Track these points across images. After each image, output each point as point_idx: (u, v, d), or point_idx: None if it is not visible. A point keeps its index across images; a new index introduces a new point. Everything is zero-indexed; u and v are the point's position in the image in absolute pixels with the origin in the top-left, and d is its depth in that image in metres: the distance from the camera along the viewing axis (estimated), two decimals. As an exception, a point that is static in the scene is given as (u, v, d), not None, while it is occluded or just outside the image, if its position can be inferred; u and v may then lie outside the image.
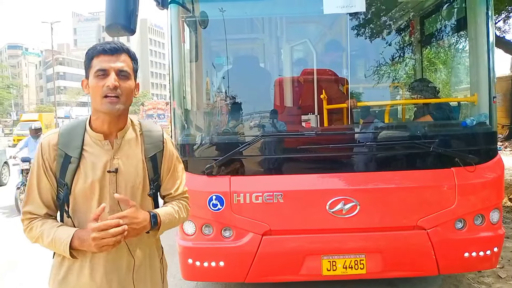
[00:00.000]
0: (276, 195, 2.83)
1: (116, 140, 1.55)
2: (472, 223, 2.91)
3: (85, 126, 1.55)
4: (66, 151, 1.50)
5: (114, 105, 1.45)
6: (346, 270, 2.89)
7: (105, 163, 1.51)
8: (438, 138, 2.96)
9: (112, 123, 1.53)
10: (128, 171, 1.55)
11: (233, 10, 3.35)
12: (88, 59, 1.50)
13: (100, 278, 1.51)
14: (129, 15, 2.47)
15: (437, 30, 4.30)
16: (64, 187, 1.50)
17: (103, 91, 1.44)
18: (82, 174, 1.50)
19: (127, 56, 1.51)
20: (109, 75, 1.44)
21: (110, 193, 1.51)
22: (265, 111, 3.74)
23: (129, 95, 1.51)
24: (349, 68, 3.52)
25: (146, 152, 1.61)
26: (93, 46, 1.52)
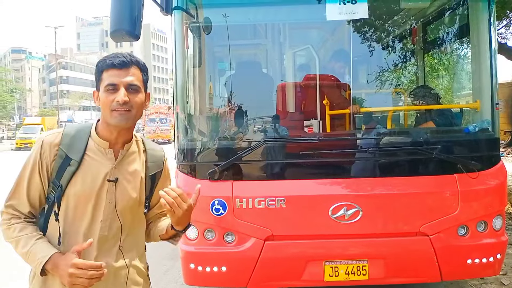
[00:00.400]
0: (279, 200, 2.84)
1: (121, 151, 1.55)
2: (475, 230, 2.90)
3: (89, 131, 1.54)
4: (67, 153, 1.47)
5: (123, 117, 1.45)
6: (349, 276, 2.88)
7: (106, 171, 1.50)
8: (440, 144, 2.95)
9: (120, 135, 1.53)
10: (128, 184, 1.54)
11: (237, 16, 3.38)
12: (98, 72, 1.49)
13: None
14: (133, 21, 2.49)
15: (440, 36, 4.32)
16: (58, 188, 1.47)
17: (113, 105, 1.44)
18: (80, 179, 1.47)
19: (137, 69, 1.50)
20: (118, 90, 1.44)
21: (106, 202, 1.49)
22: (268, 116, 3.76)
23: (140, 108, 1.51)
24: (352, 74, 3.53)
25: (148, 170, 1.62)
26: (103, 58, 1.51)
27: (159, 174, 1.66)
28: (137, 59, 1.52)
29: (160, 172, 1.66)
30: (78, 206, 1.48)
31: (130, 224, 1.57)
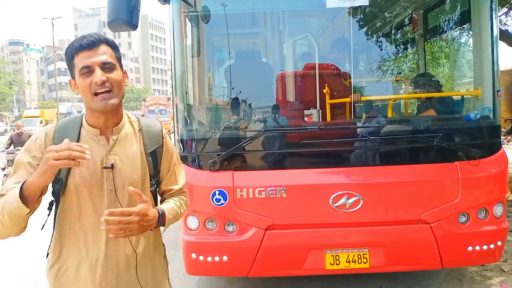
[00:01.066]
0: (279, 189, 2.84)
1: (111, 135, 1.52)
2: (475, 217, 2.91)
3: (81, 121, 1.53)
4: None
5: (107, 101, 1.42)
6: (350, 264, 2.90)
7: (101, 159, 1.48)
8: (441, 132, 2.94)
9: (107, 118, 1.50)
10: (125, 167, 1.51)
11: (235, 5, 3.34)
12: (69, 58, 1.45)
13: (99, 277, 1.48)
14: (131, 11, 2.46)
15: (441, 23, 4.27)
16: (59, 182, 1.46)
17: (92, 88, 1.40)
18: (77, 170, 1.44)
19: (107, 46, 1.45)
20: (94, 71, 1.40)
21: (107, 189, 1.48)
22: (268, 106, 3.74)
23: (120, 86, 1.47)
24: (352, 62, 3.51)
25: (146, 148, 1.58)
26: (71, 43, 1.46)
27: (160, 150, 1.62)
28: (105, 37, 1.48)
29: (161, 148, 1.62)
30: (82, 197, 1.47)
31: None
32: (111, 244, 1.48)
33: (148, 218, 1.40)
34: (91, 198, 1.47)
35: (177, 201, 1.66)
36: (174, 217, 1.60)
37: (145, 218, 1.39)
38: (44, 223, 1.54)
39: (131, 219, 1.34)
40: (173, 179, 1.69)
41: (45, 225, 1.54)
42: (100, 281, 1.48)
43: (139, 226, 1.37)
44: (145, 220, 1.39)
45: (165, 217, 1.51)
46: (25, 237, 1.66)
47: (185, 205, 1.70)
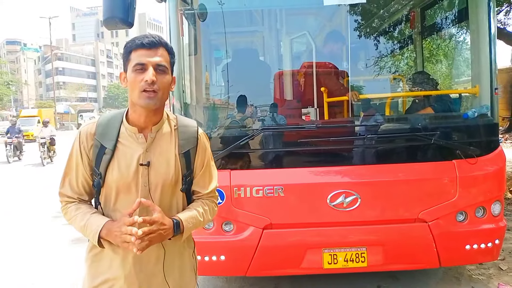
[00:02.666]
0: (277, 188, 2.82)
1: (150, 134, 1.56)
2: (473, 216, 2.90)
3: (122, 118, 1.58)
4: (101, 142, 1.54)
5: (151, 100, 1.47)
6: (347, 263, 2.89)
7: (138, 156, 1.54)
8: (439, 130, 2.93)
9: (148, 117, 1.54)
10: (160, 165, 1.56)
11: (232, 2, 3.33)
12: (126, 52, 1.51)
13: (129, 267, 1.55)
14: (126, 8, 2.44)
15: (438, 21, 4.27)
16: (98, 176, 1.54)
17: (141, 85, 1.45)
18: (116, 166, 1.53)
19: (165, 50, 1.52)
20: (147, 70, 1.46)
21: (142, 186, 1.53)
22: (265, 104, 3.72)
23: (166, 90, 1.53)
24: (349, 61, 3.49)
25: (180, 148, 1.61)
26: (132, 39, 1.52)
27: (194, 150, 1.64)
28: (166, 41, 1.54)
29: (195, 148, 1.64)
30: (119, 192, 1.54)
31: (166, 206, 1.57)
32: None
33: (165, 227, 1.47)
34: (126, 192, 1.54)
35: (201, 207, 1.65)
36: (195, 225, 1.61)
37: (162, 227, 1.45)
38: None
39: (152, 228, 1.42)
40: (203, 182, 1.69)
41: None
42: (130, 271, 1.55)
43: (158, 235, 1.45)
44: (162, 229, 1.46)
45: (182, 225, 1.54)
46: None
47: (211, 211, 1.70)
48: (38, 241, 5.54)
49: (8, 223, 6.64)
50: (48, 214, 7.01)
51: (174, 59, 1.58)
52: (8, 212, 7.44)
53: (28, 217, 6.95)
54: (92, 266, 1.60)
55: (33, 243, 5.44)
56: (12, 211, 7.47)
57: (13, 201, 8.49)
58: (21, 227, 6.34)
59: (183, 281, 1.67)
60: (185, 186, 1.63)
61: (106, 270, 1.57)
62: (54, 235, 5.76)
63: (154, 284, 1.59)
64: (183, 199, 1.65)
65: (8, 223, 6.63)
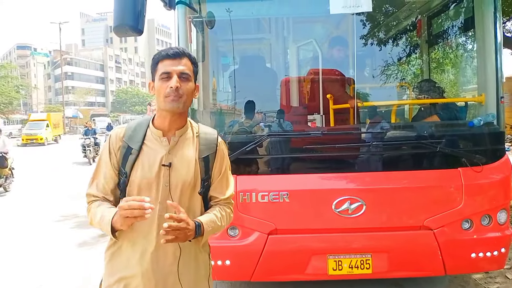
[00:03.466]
0: (282, 194, 2.84)
1: (173, 137, 1.67)
2: (479, 224, 2.90)
3: (148, 123, 1.71)
4: (129, 143, 1.66)
5: (175, 103, 1.58)
6: (352, 269, 2.89)
7: (161, 157, 1.64)
8: (445, 138, 2.94)
9: (172, 121, 1.66)
10: (181, 167, 1.65)
11: (240, 10, 3.37)
12: (154, 64, 1.65)
13: (147, 265, 1.61)
14: (136, 16, 2.49)
15: (444, 30, 4.28)
16: (124, 175, 1.65)
17: (166, 92, 1.58)
18: (140, 165, 1.64)
19: (188, 60, 1.64)
20: (172, 78, 1.58)
21: (163, 185, 1.62)
22: (271, 111, 3.75)
23: (190, 96, 1.64)
24: (356, 68, 3.52)
25: (200, 153, 1.71)
26: (159, 52, 1.66)
27: (213, 156, 1.74)
28: (189, 52, 1.67)
29: (214, 154, 1.74)
30: (141, 190, 1.63)
31: (184, 207, 1.62)
32: (161, 237, 1.55)
33: (189, 228, 1.53)
34: (148, 191, 1.62)
35: (219, 212, 1.73)
36: (214, 229, 1.68)
37: (188, 227, 1.52)
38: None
39: (180, 225, 1.48)
40: (220, 188, 1.78)
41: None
42: (147, 268, 1.61)
43: (184, 233, 1.51)
44: (188, 229, 1.52)
45: (203, 228, 1.60)
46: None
47: (227, 217, 1.77)
48: (45, 244, 5.60)
49: (17, 225, 6.71)
50: (56, 217, 7.08)
51: (197, 69, 1.70)
52: (17, 214, 7.52)
53: (36, 220, 7.02)
54: (109, 264, 1.68)
55: (40, 246, 5.50)
56: (21, 214, 7.55)
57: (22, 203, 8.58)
58: (29, 229, 6.41)
59: (197, 283, 1.74)
60: (203, 189, 1.72)
61: (123, 268, 1.64)
62: (61, 238, 5.82)
63: (169, 283, 1.65)
64: (201, 202, 1.74)
65: (17, 225, 6.71)
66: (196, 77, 1.70)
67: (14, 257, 5.05)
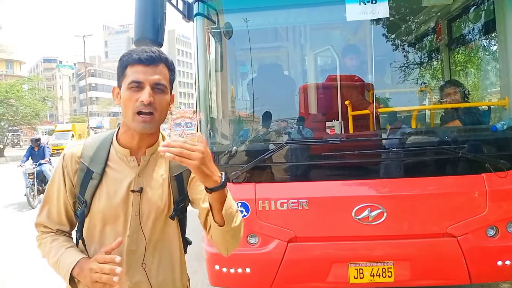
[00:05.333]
0: (301, 202, 2.84)
1: (143, 157, 1.40)
2: (505, 230, 2.82)
3: (111, 139, 1.43)
4: (88, 166, 1.38)
5: (146, 124, 1.31)
6: (374, 278, 2.86)
7: (129, 181, 1.37)
8: (467, 143, 2.89)
9: (141, 139, 1.39)
10: (153, 191, 1.40)
11: (257, 20, 3.41)
12: (122, 67, 1.34)
13: None
14: (156, 30, 2.57)
15: (465, 33, 4.21)
16: (83, 204, 1.38)
17: (136, 106, 1.29)
18: (104, 192, 1.37)
19: (165, 67, 1.34)
20: (143, 88, 1.29)
21: (133, 215, 1.38)
22: (290, 118, 3.77)
23: (164, 111, 1.35)
24: (374, 74, 3.50)
25: (171, 170, 1.44)
26: (129, 52, 1.35)
27: (187, 174, 1.45)
28: (166, 56, 1.37)
29: (188, 171, 1.44)
30: (105, 221, 1.38)
31: (157, 238, 1.42)
32: (131, 272, 1.39)
33: (209, 157, 1.18)
34: (113, 222, 1.38)
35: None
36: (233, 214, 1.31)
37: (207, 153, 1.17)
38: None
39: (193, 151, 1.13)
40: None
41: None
42: None
43: (200, 159, 1.13)
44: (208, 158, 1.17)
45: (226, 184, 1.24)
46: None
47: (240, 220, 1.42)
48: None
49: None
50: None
51: (174, 76, 1.41)
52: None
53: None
54: None
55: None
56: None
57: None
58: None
59: None
60: (175, 213, 1.44)
61: None
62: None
63: None
64: (177, 230, 1.48)
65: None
66: (172, 86, 1.39)
67: (21, 260, 5.17)
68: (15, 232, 6.93)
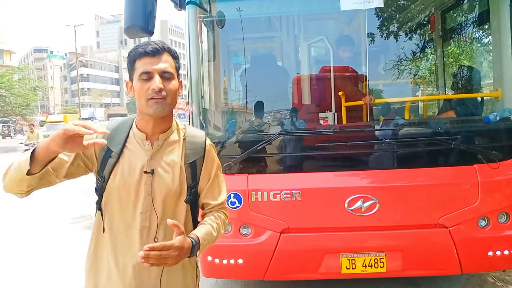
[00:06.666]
0: (294, 193, 2.83)
1: (157, 141, 1.53)
2: (496, 221, 2.84)
3: (131, 124, 1.57)
4: (108, 145, 1.49)
5: (159, 105, 1.44)
6: (366, 268, 2.87)
7: (143, 163, 1.50)
8: (460, 134, 2.89)
9: (156, 124, 1.52)
10: (165, 174, 1.51)
11: (250, 9, 3.36)
12: (131, 62, 1.49)
13: (129, 281, 1.48)
14: (147, 17, 2.51)
15: (459, 24, 4.20)
16: (102, 179, 1.51)
17: (148, 94, 1.43)
18: (120, 170, 1.49)
19: (169, 55, 1.49)
20: (153, 78, 1.43)
21: (145, 194, 1.49)
22: (283, 109, 3.74)
23: (174, 95, 1.49)
24: (368, 65, 3.48)
25: (186, 158, 1.57)
26: (135, 47, 1.49)
27: (200, 161, 1.60)
28: (169, 46, 1.51)
29: (202, 159, 1.60)
30: (120, 197, 1.50)
31: (170, 216, 1.48)
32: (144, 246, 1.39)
33: (184, 251, 1.37)
34: (128, 199, 1.49)
35: (215, 222, 1.60)
36: (209, 242, 1.54)
37: (181, 251, 1.36)
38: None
39: (169, 253, 1.32)
40: (212, 193, 1.65)
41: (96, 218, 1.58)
42: (130, 284, 1.49)
43: (174, 258, 1.34)
44: (182, 252, 1.37)
45: (199, 246, 1.45)
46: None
47: (223, 224, 1.64)
48: (57, 245, 5.67)
49: (30, 225, 6.84)
50: (67, 219, 7.17)
51: (179, 63, 1.55)
52: (32, 214, 7.66)
53: (47, 221, 7.12)
54: (89, 278, 1.56)
55: (52, 248, 5.58)
56: (31, 215, 7.68)
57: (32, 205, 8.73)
58: (43, 229, 6.51)
59: None
60: (190, 197, 1.57)
61: (105, 283, 1.51)
62: (73, 240, 5.87)
63: None
64: (187, 211, 1.59)
65: (28, 227, 6.83)
66: (179, 73, 1.54)
67: (26, 260, 5.14)
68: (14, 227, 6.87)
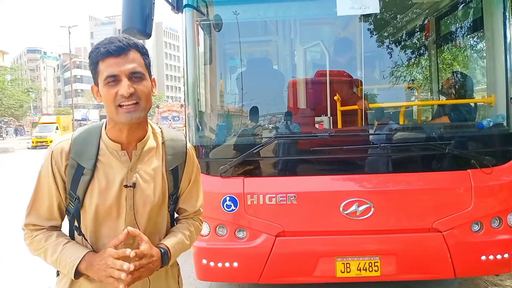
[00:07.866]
0: (290, 196, 2.84)
1: (135, 151, 1.38)
2: (489, 226, 2.87)
3: (100, 132, 1.38)
4: (78, 161, 1.33)
5: (132, 114, 1.27)
6: (360, 272, 2.88)
7: (121, 176, 1.36)
8: (454, 139, 2.92)
9: (130, 132, 1.35)
10: (147, 186, 1.39)
11: (247, 13, 3.38)
12: (93, 64, 1.29)
13: None
14: (144, 20, 2.51)
15: (453, 30, 4.25)
16: (75, 200, 1.35)
17: (117, 99, 1.26)
18: (96, 187, 1.34)
19: (137, 52, 1.29)
20: (121, 81, 1.25)
21: (127, 209, 1.37)
22: (279, 113, 3.76)
23: (148, 98, 1.32)
24: (363, 70, 3.51)
25: (167, 164, 1.44)
26: (95, 46, 1.29)
27: (182, 167, 1.48)
28: (135, 41, 1.31)
29: (183, 164, 1.48)
30: (99, 216, 1.36)
31: (152, 229, 1.43)
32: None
33: (153, 259, 1.32)
34: (109, 216, 1.37)
35: (187, 229, 1.52)
36: (181, 250, 1.47)
37: (151, 259, 1.31)
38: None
39: (142, 263, 1.27)
40: (190, 199, 1.55)
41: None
42: None
43: (147, 269, 1.30)
44: (151, 262, 1.31)
45: (169, 254, 1.39)
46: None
47: (197, 231, 1.57)
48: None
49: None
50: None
51: (149, 59, 1.37)
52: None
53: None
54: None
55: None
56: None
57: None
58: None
59: None
60: (173, 205, 1.49)
61: None
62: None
63: None
64: (167, 220, 1.51)
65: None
66: (149, 70, 1.35)
67: (28, 259, 5.09)
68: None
